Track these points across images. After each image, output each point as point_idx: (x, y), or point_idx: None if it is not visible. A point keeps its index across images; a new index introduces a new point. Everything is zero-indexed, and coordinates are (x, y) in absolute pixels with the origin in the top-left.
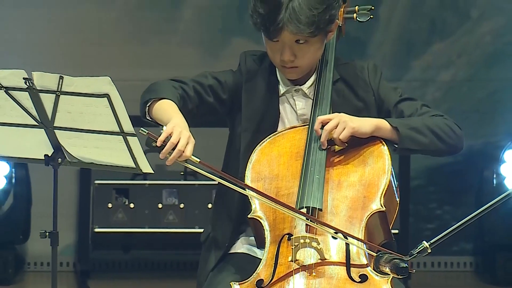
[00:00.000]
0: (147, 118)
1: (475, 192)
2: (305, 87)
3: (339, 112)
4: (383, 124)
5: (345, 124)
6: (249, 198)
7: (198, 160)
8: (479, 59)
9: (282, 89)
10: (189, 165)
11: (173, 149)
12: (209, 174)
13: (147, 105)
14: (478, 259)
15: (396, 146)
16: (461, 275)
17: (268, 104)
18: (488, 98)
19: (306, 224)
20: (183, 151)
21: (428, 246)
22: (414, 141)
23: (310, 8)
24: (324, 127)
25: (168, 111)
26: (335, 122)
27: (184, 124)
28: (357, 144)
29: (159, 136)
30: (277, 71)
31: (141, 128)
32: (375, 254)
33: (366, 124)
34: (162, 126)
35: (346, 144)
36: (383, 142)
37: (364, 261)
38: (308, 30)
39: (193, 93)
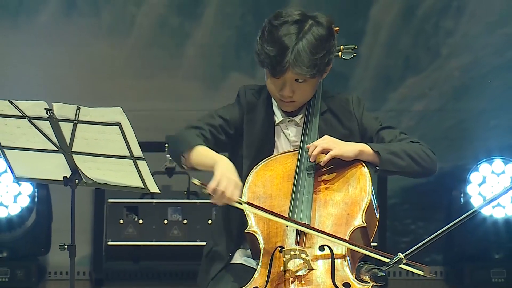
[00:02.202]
0: (183, 167)
1: (444, 210)
2: (297, 118)
3: None
4: (366, 148)
5: (334, 145)
6: (246, 215)
7: (245, 201)
8: (448, 92)
9: (277, 119)
10: (237, 205)
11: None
12: (257, 210)
13: (183, 156)
14: (448, 268)
15: (378, 168)
16: (432, 283)
17: (265, 133)
18: (457, 126)
19: (296, 237)
20: (231, 197)
21: (403, 257)
22: (393, 164)
23: (312, 52)
24: (314, 142)
25: (208, 156)
26: (325, 140)
27: (229, 166)
28: (341, 166)
29: (209, 184)
30: (272, 104)
31: (193, 179)
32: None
33: (350, 150)
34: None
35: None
36: (365, 165)
37: (347, 271)
38: (310, 72)
39: (210, 136)
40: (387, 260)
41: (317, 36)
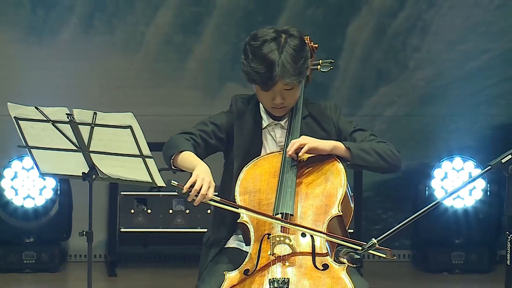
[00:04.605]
0: (173, 168)
1: (411, 201)
2: (282, 122)
3: None
4: (339, 145)
5: (309, 140)
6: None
7: (219, 198)
8: (415, 99)
9: (264, 123)
10: (212, 202)
11: (198, 193)
12: (227, 207)
13: (172, 159)
14: (415, 252)
15: (349, 162)
16: (401, 265)
17: (254, 135)
18: (422, 129)
19: (281, 226)
20: (206, 194)
21: (376, 242)
22: (362, 159)
23: (295, 61)
24: (293, 140)
25: (190, 160)
26: (302, 138)
27: (206, 169)
28: (319, 164)
29: (185, 185)
30: (260, 110)
31: (172, 181)
32: (335, 241)
33: (325, 144)
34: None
35: (308, 156)
36: (339, 161)
37: (325, 252)
38: (297, 79)
39: (201, 140)
40: (353, 246)
41: (293, 46)
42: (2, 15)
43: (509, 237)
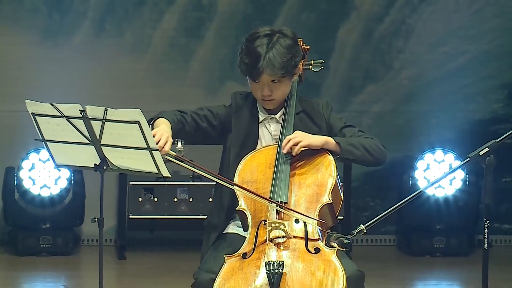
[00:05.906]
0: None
1: (396, 190)
2: (277, 116)
3: None
4: (329, 140)
5: (303, 137)
6: (237, 196)
7: (174, 153)
8: (399, 97)
9: (261, 117)
10: (168, 157)
11: None
12: (184, 165)
13: (151, 123)
14: (399, 237)
15: (338, 156)
16: (387, 249)
17: (250, 128)
18: (406, 124)
19: (276, 212)
20: (163, 147)
21: (364, 228)
22: (351, 153)
23: (281, 57)
24: (287, 137)
25: (160, 124)
26: (296, 135)
27: (168, 128)
28: (311, 156)
29: None
30: (257, 105)
31: None
32: (326, 232)
33: (317, 140)
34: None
35: (302, 149)
36: (330, 154)
37: (317, 237)
38: (280, 72)
39: (190, 119)
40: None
41: (284, 45)
42: (20, 19)
43: (486, 223)
